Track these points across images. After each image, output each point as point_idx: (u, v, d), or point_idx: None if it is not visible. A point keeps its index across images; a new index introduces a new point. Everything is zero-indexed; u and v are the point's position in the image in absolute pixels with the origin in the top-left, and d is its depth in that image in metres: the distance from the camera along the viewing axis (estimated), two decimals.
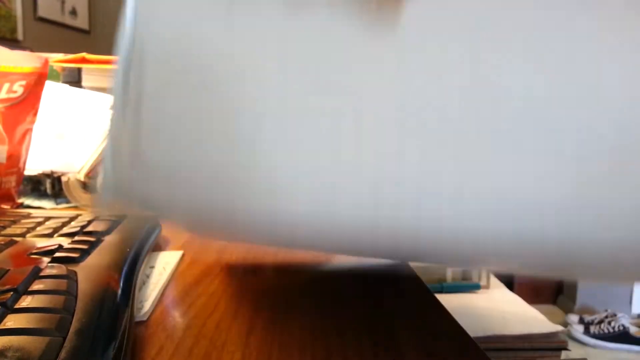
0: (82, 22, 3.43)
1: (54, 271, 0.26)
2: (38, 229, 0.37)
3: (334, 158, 0.19)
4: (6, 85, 0.54)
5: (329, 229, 0.21)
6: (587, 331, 2.11)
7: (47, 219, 0.40)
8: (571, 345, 1.73)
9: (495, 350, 0.92)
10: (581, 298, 2.32)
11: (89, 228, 0.37)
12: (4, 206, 0.54)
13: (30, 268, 0.26)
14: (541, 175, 0.19)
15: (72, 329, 0.20)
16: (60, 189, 0.59)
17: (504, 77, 0.19)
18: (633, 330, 2.05)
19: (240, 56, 0.20)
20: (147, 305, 0.31)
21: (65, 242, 0.33)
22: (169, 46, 0.20)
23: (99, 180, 0.22)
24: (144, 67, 0.20)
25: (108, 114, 0.21)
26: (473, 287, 1.09)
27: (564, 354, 0.94)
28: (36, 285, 0.24)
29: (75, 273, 0.27)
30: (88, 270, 0.28)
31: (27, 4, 2.93)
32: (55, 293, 0.23)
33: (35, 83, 0.57)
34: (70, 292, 0.24)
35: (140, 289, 0.34)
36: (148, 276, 0.36)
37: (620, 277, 0.22)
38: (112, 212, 0.38)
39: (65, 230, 0.37)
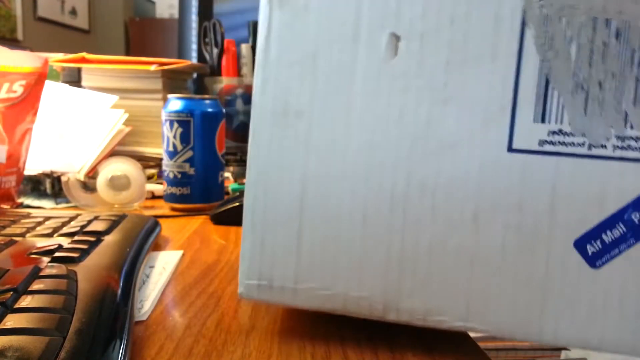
0: (82, 22, 3.42)
1: (53, 271, 0.26)
2: (38, 228, 0.37)
3: None
4: (6, 85, 0.54)
5: None
6: None
7: (47, 218, 0.40)
8: None
9: (495, 350, 0.92)
10: None
11: (89, 228, 0.37)
12: (4, 206, 0.54)
13: (30, 268, 0.26)
14: None
15: (72, 329, 0.20)
16: (60, 189, 0.59)
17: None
18: None
19: None
20: (147, 305, 0.31)
21: (65, 242, 0.33)
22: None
23: None
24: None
25: None
26: None
27: (563, 353, 0.94)
28: (36, 285, 0.24)
29: (75, 273, 0.27)
30: (88, 270, 0.28)
31: (27, 4, 2.93)
32: (55, 293, 0.23)
33: (35, 83, 0.57)
34: (70, 292, 0.24)
35: (140, 288, 0.34)
36: (148, 276, 0.36)
37: None
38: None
39: (65, 230, 0.37)
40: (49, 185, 0.63)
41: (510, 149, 0.25)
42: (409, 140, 0.25)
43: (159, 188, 0.67)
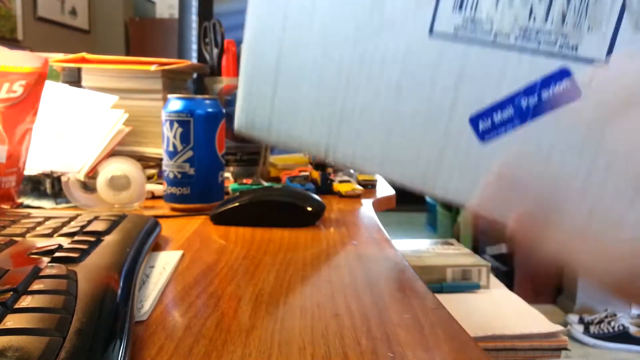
0: (82, 22, 3.42)
1: (53, 271, 0.26)
2: (38, 228, 0.37)
3: None
4: (6, 85, 0.54)
5: None
6: (587, 331, 2.11)
7: (47, 218, 0.40)
8: (571, 345, 1.73)
9: (495, 350, 0.92)
10: (581, 298, 2.32)
11: (89, 228, 0.37)
12: (4, 206, 0.54)
13: (30, 268, 0.26)
14: None
15: (72, 329, 0.20)
16: (60, 189, 0.59)
17: None
18: (633, 330, 2.05)
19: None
20: (147, 305, 0.31)
21: (65, 242, 0.33)
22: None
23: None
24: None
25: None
26: (473, 287, 1.09)
27: (564, 353, 0.94)
28: (36, 285, 0.24)
29: (75, 273, 0.27)
30: (88, 270, 0.28)
31: (27, 4, 2.92)
32: (55, 293, 0.23)
33: (35, 83, 0.57)
34: (70, 292, 0.24)
35: (140, 288, 0.34)
36: (148, 276, 0.36)
37: None
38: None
39: (65, 230, 0.37)
40: (49, 185, 0.63)
41: (431, 32, 0.30)
42: (356, 22, 0.32)
43: (159, 188, 0.67)
